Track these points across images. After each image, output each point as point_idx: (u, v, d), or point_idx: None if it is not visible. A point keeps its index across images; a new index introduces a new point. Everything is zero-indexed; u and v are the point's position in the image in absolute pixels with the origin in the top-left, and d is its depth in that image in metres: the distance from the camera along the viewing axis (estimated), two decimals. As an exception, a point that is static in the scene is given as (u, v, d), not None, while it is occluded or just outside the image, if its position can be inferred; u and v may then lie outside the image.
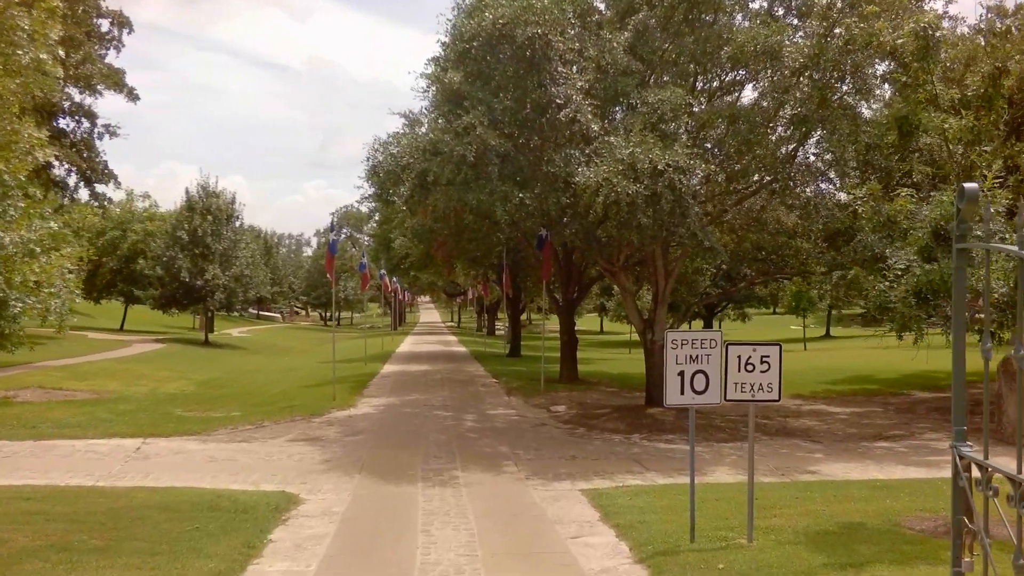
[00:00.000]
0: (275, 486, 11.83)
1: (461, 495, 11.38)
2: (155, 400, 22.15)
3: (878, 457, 14.42)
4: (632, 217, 13.59)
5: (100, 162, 28.40)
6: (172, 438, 15.95)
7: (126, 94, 27.02)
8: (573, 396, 22.78)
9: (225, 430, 17.00)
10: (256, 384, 27.39)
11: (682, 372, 8.64)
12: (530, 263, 34.67)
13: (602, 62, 15.41)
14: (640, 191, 13.45)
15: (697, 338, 8.68)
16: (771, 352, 8.64)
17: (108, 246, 50.84)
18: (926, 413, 19.75)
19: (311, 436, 16.36)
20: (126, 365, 31.70)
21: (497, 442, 15.82)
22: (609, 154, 13.95)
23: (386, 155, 17.06)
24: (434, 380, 27.59)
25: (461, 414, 19.54)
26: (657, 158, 13.57)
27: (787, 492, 11.22)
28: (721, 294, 32.18)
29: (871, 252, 15.16)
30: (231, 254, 46.37)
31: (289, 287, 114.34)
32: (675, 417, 18.31)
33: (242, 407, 20.88)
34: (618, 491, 11.50)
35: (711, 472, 13.15)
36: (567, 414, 19.50)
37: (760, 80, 16.35)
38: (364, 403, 21.25)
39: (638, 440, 16.18)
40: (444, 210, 16.98)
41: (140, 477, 12.34)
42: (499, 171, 14.70)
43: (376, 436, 16.47)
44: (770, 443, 15.79)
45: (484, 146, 14.14)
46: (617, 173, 13.53)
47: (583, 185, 13.83)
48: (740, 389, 8.65)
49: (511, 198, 14.51)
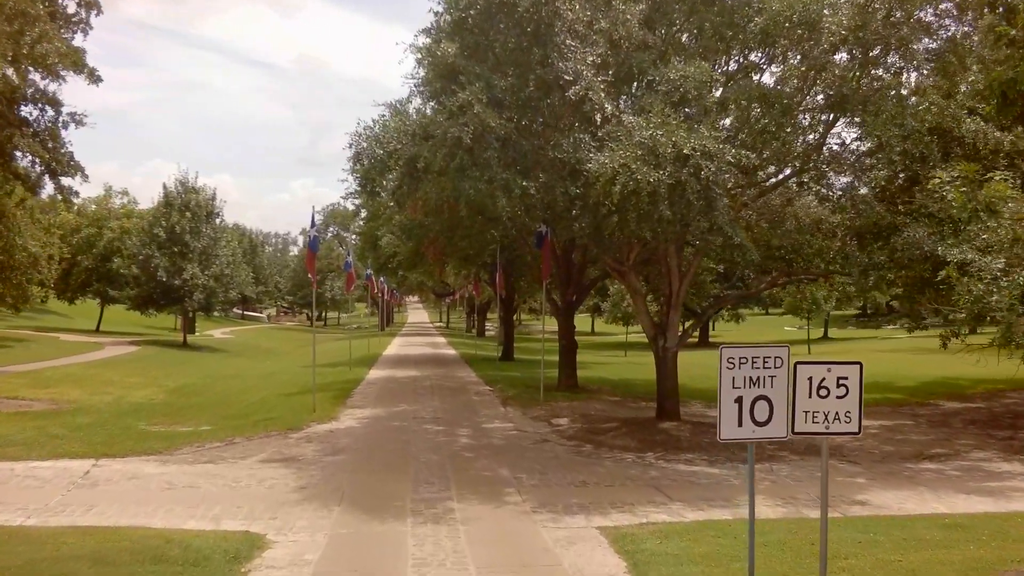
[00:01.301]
0: (238, 523, 10.02)
1: (458, 535, 9.60)
2: (118, 411, 20.25)
3: (930, 483, 12.70)
4: (653, 209, 11.83)
5: (65, 153, 26.44)
6: (129, 459, 14.09)
7: (87, 75, 25.08)
8: (575, 406, 21.01)
9: (190, 448, 15.16)
10: (232, 392, 25.48)
11: (740, 398, 6.89)
12: (525, 262, 32.88)
13: (615, 35, 13.62)
14: (663, 179, 11.69)
15: (759, 355, 6.92)
16: (850, 373, 6.89)
17: (83, 244, 48.76)
18: (963, 427, 18.07)
19: (286, 456, 14.54)
20: (94, 370, 29.72)
21: (496, 463, 14.03)
22: (626, 137, 12.19)
23: (371, 141, 15.22)
24: (423, 387, 25.76)
25: (454, 428, 17.73)
26: (682, 141, 11.82)
27: (845, 533, 9.47)
28: (740, 296, 30.55)
29: (919, 250, 13.44)
30: (211, 252, 44.31)
31: (275, 287, 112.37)
32: (692, 433, 16.59)
33: (213, 419, 19.02)
34: (643, 531, 9.74)
35: (745, 503, 11.35)
36: (570, 428, 17.73)
37: (790, 59, 14.59)
38: (347, 415, 19.41)
39: (653, 460, 14.42)
40: (436, 203, 15.14)
41: (80, 512, 10.49)
42: (499, 157, 12.90)
43: (360, 456, 14.66)
44: (802, 464, 14.06)
45: (482, 127, 12.32)
46: (636, 158, 11.78)
47: (596, 173, 12.06)
48: (811, 419, 6.90)
49: (513, 188, 12.69)
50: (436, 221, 20.18)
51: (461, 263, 33.79)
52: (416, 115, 15.71)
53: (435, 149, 12.75)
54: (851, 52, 13.51)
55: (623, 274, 17.38)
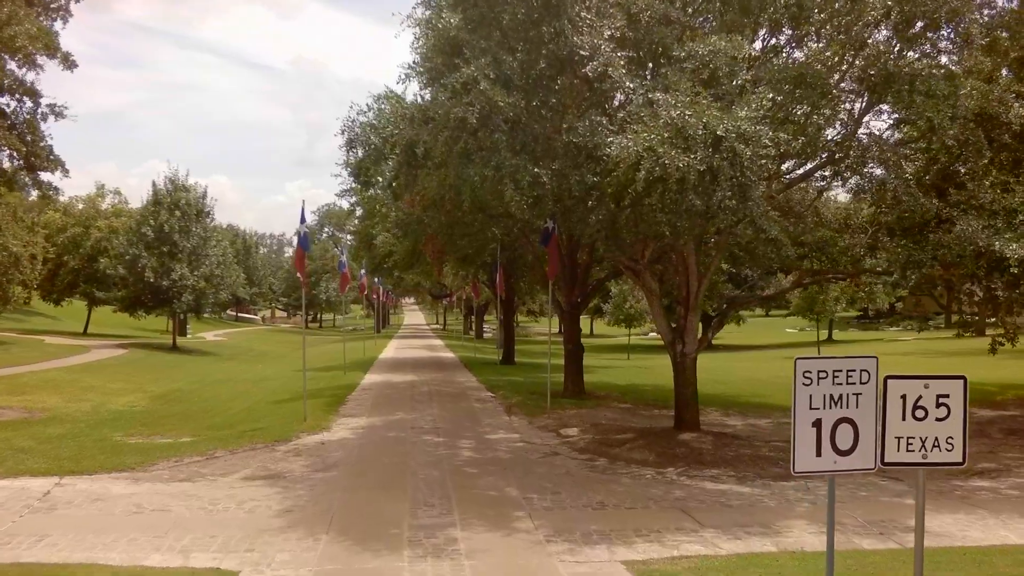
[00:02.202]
0: (210, 557, 8.71)
1: (463, 572, 8.28)
2: (95, 420, 18.91)
3: (987, 503, 11.39)
4: (681, 199, 10.51)
5: (45, 147, 25.07)
6: (97, 476, 12.77)
7: (60, 59, 23.68)
8: (583, 414, 19.66)
9: (167, 463, 13.85)
10: (219, 398, 24.14)
11: (819, 421, 5.57)
12: (526, 263, 31.57)
13: (633, 8, 12.27)
14: (693, 164, 10.37)
15: (841, 368, 5.60)
16: (952, 390, 5.58)
17: (69, 244, 47.30)
18: (1003, 438, 16.75)
19: (272, 472, 13.20)
20: (76, 375, 28.33)
21: (503, 480, 12.70)
22: (650, 118, 10.86)
23: (366, 128, 13.89)
24: (421, 394, 24.38)
25: (455, 440, 16.38)
26: (715, 122, 10.50)
27: (910, 569, 8.13)
28: (762, 299, 29.22)
29: (972, 246, 12.12)
30: (201, 252, 42.86)
31: (269, 288, 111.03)
32: (714, 445, 15.27)
33: (196, 429, 17.70)
34: (677, 567, 8.42)
35: (785, 529, 10.10)
36: (581, 439, 16.39)
37: (824, 35, 13.27)
38: (340, 425, 18.05)
39: (675, 477, 13.09)
40: (436, 195, 13.78)
41: (28, 544, 9.14)
42: (508, 141, 11.55)
43: (352, 472, 13.31)
44: (840, 481, 12.72)
45: (490, 107, 10.97)
46: (663, 141, 10.45)
47: (617, 158, 10.73)
48: (905, 447, 5.59)
49: (523, 175, 11.32)
50: (435, 217, 18.80)
51: (460, 263, 32.42)
52: (415, 99, 14.38)
53: (436, 132, 11.40)
54: (895, 27, 12.19)
55: (637, 273, 16.07)
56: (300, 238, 17.70)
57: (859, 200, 15.00)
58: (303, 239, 17.80)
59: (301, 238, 17.71)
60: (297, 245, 18.01)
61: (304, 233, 17.61)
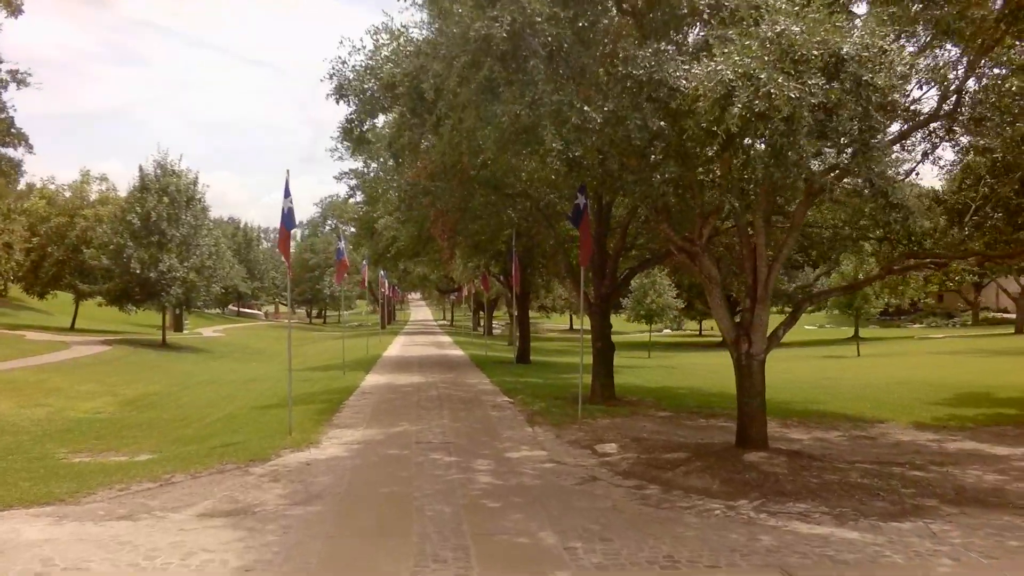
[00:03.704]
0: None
1: None
2: (43, 432, 16.09)
3: None
4: (793, 142, 7.57)
5: (6, 119, 22.22)
6: (11, 513, 9.94)
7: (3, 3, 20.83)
8: (619, 425, 16.75)
9: (108, 492, 11.01)
10: (198, 403, 21.28)
11: None
12: (543, 251, 28.68)
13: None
14: (806, 95, 7.43)
15: None
16: None
17: (54, 234, 44.46)
18: None
19: (238, 505, 10.33)
20: (44, 375, 25.51)
21: (534, 520, 9.77)
22: (741, 36, 7.93)
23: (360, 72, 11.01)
24: (429, 399, 21.45)
25: (470, 459, 13.46)
26: (835, 40, 7.57)
27: None
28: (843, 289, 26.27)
29: None
30: (191, 242, 39.94)
31: (272, 282, 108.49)
32: (790, 469, 12.33)
33: (160, 443, 14.89)
34: None
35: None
36: (624, 459, 13.47)
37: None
38: (331, 438, 15.14)
39: (754, 514, 10.15)
40: (449, 154, 10.83)
41: None
42: (546, 72, 8.61)
43: (340, 508, 10.40)
44: (970, 521, 9.80)
45: (524, 20, 8.06)
46: (765, 65, 7.51)
47: (696, 91, 7.80)
48: None
49: (571, 113, 8.39)
50: (445, 188, 15.82)
51: (471, 252, 29.48)
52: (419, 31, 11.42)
53: (450, 59, 8.48)
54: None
55: (693, 256, 13.12)
56: (284, 215, 14.79)
57: (973, 162, 12.01)
58: (287, 218, 14.90)
59: (285, 215, 14.81)
60: (280, 224, 15.08)
61: (288, 209, 14.71)
